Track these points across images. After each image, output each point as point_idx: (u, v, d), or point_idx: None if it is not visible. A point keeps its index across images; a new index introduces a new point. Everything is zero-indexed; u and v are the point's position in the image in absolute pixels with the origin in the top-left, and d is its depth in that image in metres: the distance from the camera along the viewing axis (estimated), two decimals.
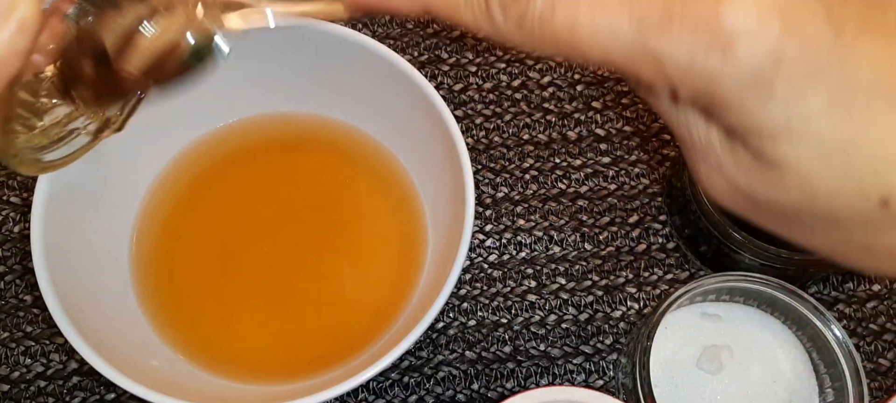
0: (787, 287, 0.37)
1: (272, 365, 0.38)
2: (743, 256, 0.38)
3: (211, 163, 0.41)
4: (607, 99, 0.46)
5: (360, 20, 0.48)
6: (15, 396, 0.39)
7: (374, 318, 0.38)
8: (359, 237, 0.40)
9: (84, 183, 0.36)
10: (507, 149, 0.45)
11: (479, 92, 0.46)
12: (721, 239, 0.38)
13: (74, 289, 0.34)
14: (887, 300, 0.42)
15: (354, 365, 0.36)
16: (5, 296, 0.41)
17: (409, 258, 0.40)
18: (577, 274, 0.42)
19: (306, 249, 0.40)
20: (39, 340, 0.40)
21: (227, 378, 0.37)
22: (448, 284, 0.32)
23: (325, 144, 0.42)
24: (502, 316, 0.41)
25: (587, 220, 0.43)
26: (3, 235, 0.42)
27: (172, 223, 0.40)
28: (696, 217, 0.39)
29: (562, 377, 0.40)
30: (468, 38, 0.47)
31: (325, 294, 0.39)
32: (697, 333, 0.38)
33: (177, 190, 0.41)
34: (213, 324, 0.39)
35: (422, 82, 0.36)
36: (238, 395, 0.36)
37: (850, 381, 0.35)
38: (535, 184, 0.44)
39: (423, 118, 0.37)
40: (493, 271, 0.42)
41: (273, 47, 0.39)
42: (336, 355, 0.37)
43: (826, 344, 0.36)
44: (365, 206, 0.41)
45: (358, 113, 0.41)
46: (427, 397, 0.40)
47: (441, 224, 0.39)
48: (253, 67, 0.40)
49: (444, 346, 0.41)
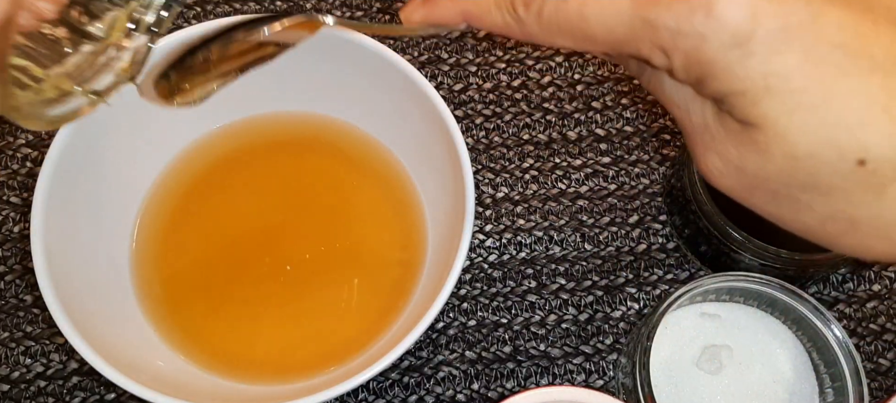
0: (788, 287, 0.37)
1: (272, 365, 0.38)
2: (743, 256, 0.38)
3: (211, 163, 0.41)
4: (607, 99, 0.46)
5: (361, 20, 0.48)
6: (15, 396, 0.39)
7: (374, 318, 0.38)
8: (358, 237, 0.40)
9: (84, 183, 0.36)
10: (507, 149, 0.45)
11: (479, 92, 0.46)
12: (721, 239, 0.38)
13: (74, 289, 0.34)
14: (887, 300, 0.42)
15: (355, 365, 0.36)
16: (5, 296, 0.41)
17: (409, 258, 0.40)
18: (577, 274, 0.42)
19: (306, 249, 0.40)
20: (39, 340, 0.40)
21: (226, 377, 0.37)
22: (448, 284, 0.32)
23: (325, 144, 0.42)
24: (502, 316, 0.41)
25: (587, 220, 0.43)
26: (3, 235, 0.42)
27: (172, 223, 0.40)
28: (696, 217, 0.39)
29: (562, 377, 0.40)
30: (468, 38, 0.47)
31: (325, 294, 0.39)
32: (697, 333, 0.38)
33: (177, 190, 0.41)
34: (213, 324, 0.39)
35: (422, 82, 0.36)
36: (238, 395, 0.36)
37: (850, 381, 0.35)
38: (535, 184, 0.44)
39: (423, 118, 0.37)
40: (493, 271, 0.42)
41: None
42: (336, 355, 0.37)
43: (826, 344, 0.36)
44: (365, 206, 0.41)
45: (358, 113, 0.41)
46: (427, 397, 0.40)
47: (441, 224, 0.39)
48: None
49: (444, 346, 0.41)
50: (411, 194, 0.41)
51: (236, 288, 0.39)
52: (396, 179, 0.41)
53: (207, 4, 0.48)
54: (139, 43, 0.30)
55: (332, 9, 0.48)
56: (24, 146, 0.44)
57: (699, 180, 0.38)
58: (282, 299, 0.39)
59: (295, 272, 0.40)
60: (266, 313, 0.39)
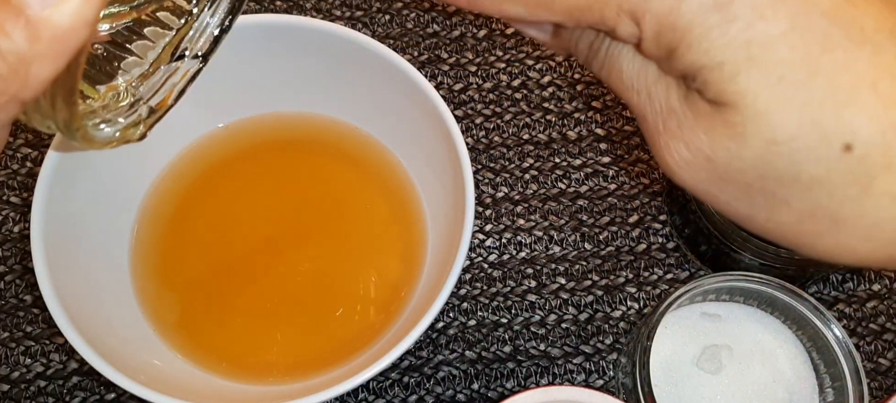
0: (787, 286, 0.37)
1: (272, 365, 0.38)
2: (743, 256, 0.38)
3: (211, 163, 0.41)
4: (607, 99, 0.46)
5: (361, 20, 0.48)
6: (15, 396, 0.39)
7: (374, 318, 0.38)
8: (358, 236, 0.40)
9: (84, 183, 0.36)
10: (507, 148, 0.45)
11: (479, 92, 0.46)
12: (721, 239, 0.38)
13: (74, 289, 0.34)
14: (887, 299, 0.42)
15: (354, 365, 0.36)
16: (5, 296, 0.41)
17: (409, 258, 0.40)
18: (577, 273, 0.42)
19: (306, 249, 0.40)
20: (39, 340, 0.40)
21: (226, 377, 0.37)
22: (448, 284, 0.32)
23: (324, 144, 0.42)
24: (502, 315, 0.41)
25: (587, 220, 0.43)
26: (3, 235, 0.42)
27: (172, 223, 0.40)
28: (696, 217, 0.39)
29: (562, 377, 0.40)
30: (468, 37, 0.47)
31: (325, 293, 0.39)
32: (697, 333, 0.38)
33: (177, 189, 0.41)
34: (213, 324, 0.39)
35: (422, 82, 0.36)
36: (238, 395, 0.36)
37: (850, 381, 0.35)
38: (535, 183, 0.44)
39: (424, 118, 0.37)
40: (493, 271, 0.42)
41: (273, 47, 0.39)
42: (336, 355, 0.37)
43: (826, 344, 0.36)
44: (365, 206, 0.41)
45: (358, 113, 0.41)
46: (427, 397, 0.40)
47: (441, 224, 0.39)
48: (253, 68, 0.40)
49: (444, 346, 0.41)
50: (411, 194, 0.41)
51: (236, 288, 0.39)
52: (396, 179, 0.41)
53: None
54: (190, 67, 0.30)
55: (332, 8, 0.48)
56: (23, 146, 0.44)
57: None
58: (281, 299, 0.39)
59: (294, 272, 0.40)
60: (266, 313, 0.39)
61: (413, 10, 0.48)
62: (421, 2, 0.48)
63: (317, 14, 0.48)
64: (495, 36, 0.48)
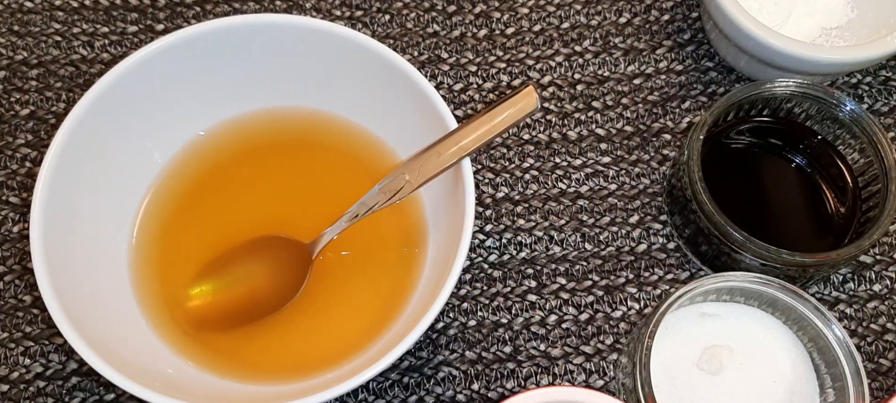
0: (788, 287, 0.37)
1: (272, 365, 0.38)
2: (743, 256, 0.38)
3: (210, 163, 0.41)
4: (607, 99, 0.46)
5: (361, 20, 0.48)
6: (14, 396, 0.39)
7: (374, 318, 0.38)
8: (358, 236, 0.40)
9: (84, 183, 0.36)
10: (507, 148, 0.45)
11: (479, 92, 0.46)
12: (721, 239, 0.38)
13: (74, 289, 0.34)
14: (888, 300, 0.42)
15: (355, 365, 0.36)
16: (5, 296, 0.41)
17: (409, 258, 0.39)
18: (577, 274, 0.42)
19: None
20: (39, 340, 0.40)
21: (226, 377, 0.37)
22: (448, 284, 0.32)
23: (325, 143, 0.42)
24: (502, 316, 0.41)
25: (587, 220, 0.43)
26: (2, 235, 0.42)
27: (172, 223, 0.40)
28: (696, 217, 0.39)
29: (562, 377, 0.40)
30: (468, 37, 0.47)
31: (325, 293, 0.39)
32: (697, 333, 0.38)
33: (176, 190, 0.41)
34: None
35: (422, 82, 0.36)
36: (238, 395, 0.36)
37: (851, 381, 0.35)
38: (535, 184, 0.44)
39: (424, 118, 0.37)
40: (493, 271, 0.42)
41: (273, 47, 0.39)
42: (336, 355, 0.37)
43: (827, 345, 0.36)
44: None
45: (358, 112, 0.41)
46: (427, 397, 0.40)
47: (441, 224, 0.39)
48: (253, 67, 0.40)
49: (444, 346, 0.41)
50: (411, 194, 0.41)
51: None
52: None
53: (207, 4, 0.48)
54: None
55: (332, 8, 0.48)
56: (23, 146, 0.44)
57: (699, 179, 0.38)
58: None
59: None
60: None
61: (413, 10, 0.48)
62: (421, 2, 0.48)
63: (316, 14, 0.48)
64: (495, 36, 0.48)
